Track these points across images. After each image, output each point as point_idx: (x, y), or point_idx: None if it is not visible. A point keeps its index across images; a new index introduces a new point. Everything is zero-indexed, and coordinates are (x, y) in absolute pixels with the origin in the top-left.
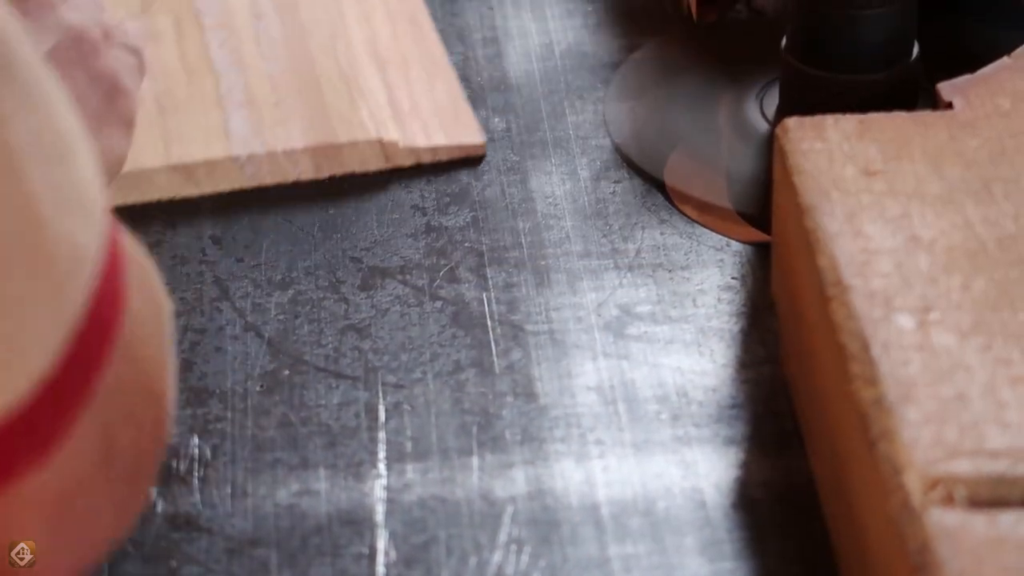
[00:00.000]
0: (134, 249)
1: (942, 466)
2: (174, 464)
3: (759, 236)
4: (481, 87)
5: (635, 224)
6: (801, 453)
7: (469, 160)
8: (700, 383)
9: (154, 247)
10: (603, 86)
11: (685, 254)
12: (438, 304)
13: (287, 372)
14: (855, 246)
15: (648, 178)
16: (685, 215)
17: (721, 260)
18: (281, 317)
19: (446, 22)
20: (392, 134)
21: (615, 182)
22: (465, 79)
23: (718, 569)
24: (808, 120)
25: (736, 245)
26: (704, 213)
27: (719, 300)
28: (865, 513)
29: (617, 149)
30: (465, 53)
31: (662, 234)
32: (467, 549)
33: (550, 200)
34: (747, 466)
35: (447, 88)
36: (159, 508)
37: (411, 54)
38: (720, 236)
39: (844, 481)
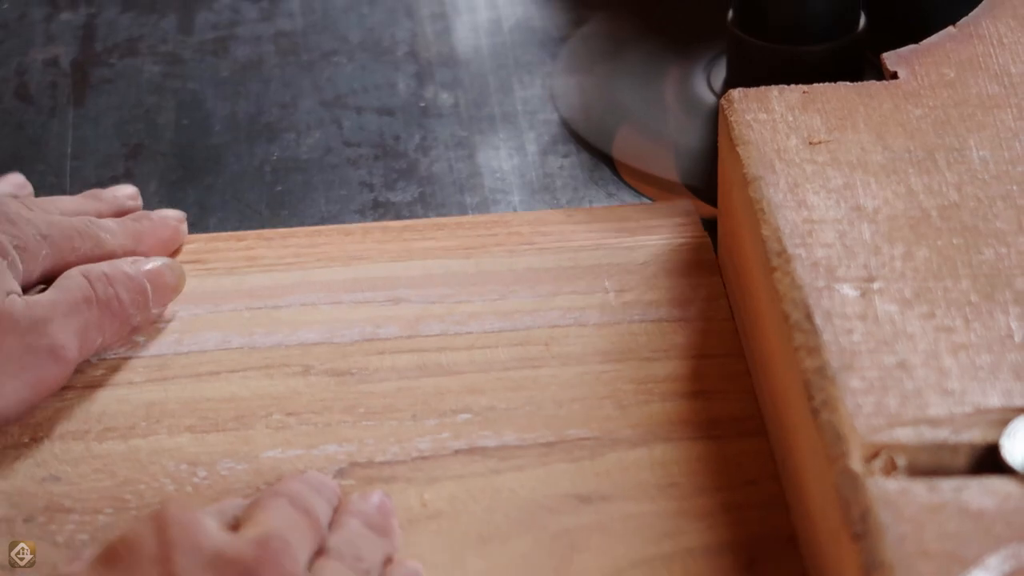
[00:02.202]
0: None
1: (884, 434)
2: None
3: (707, 210)
4: (429, 63)
5: (583, 198)
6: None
7: (418, 136)
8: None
9: None
10: (551, 60)
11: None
12: None
13: None
14: (798, 216)
15: (596, 152)
16: (633, 188)
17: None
18: None
19: (401, 12)
20: None
21: (563, 156)
22: (413, 55)
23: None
24: (752, 91)
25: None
26: (652, 186)
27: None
28: (809, 480)
29: (565, 123)
30: (413, 29)
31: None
32: None
33: (498, 175)
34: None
35: None
36: None
37: None
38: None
39: (790, 448)
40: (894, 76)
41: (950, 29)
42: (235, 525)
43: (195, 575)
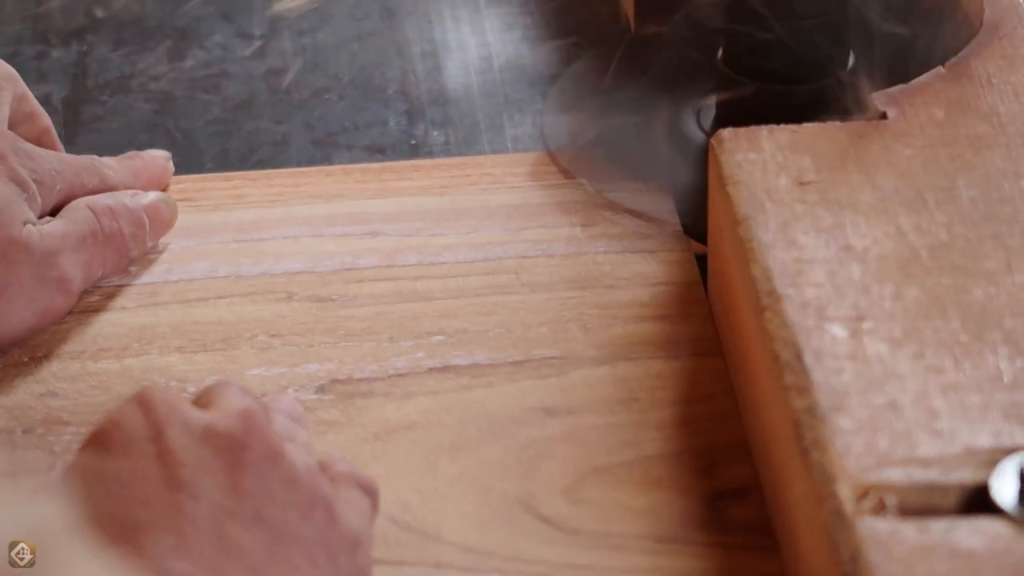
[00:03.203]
0: None
1: (874, 474)
2: None
3: (697, 247)
4: (420, 100)
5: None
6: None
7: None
8: None
9: None
10: (541, 99)
11: None
12: None
13: None
14: (788, 256)
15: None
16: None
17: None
18: None
19: (385, 36)
20: None
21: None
22: (404, 93)
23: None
24: (742, 131)
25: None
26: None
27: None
28: (799, 520)
29: (555, 161)
30: (404, 67)
31: None
32: None
33: None
34: None
35: None
36: None
37: None
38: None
39: (779, 488)
40: (883, 116)
41: (939, 69)
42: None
43: (190, 450)
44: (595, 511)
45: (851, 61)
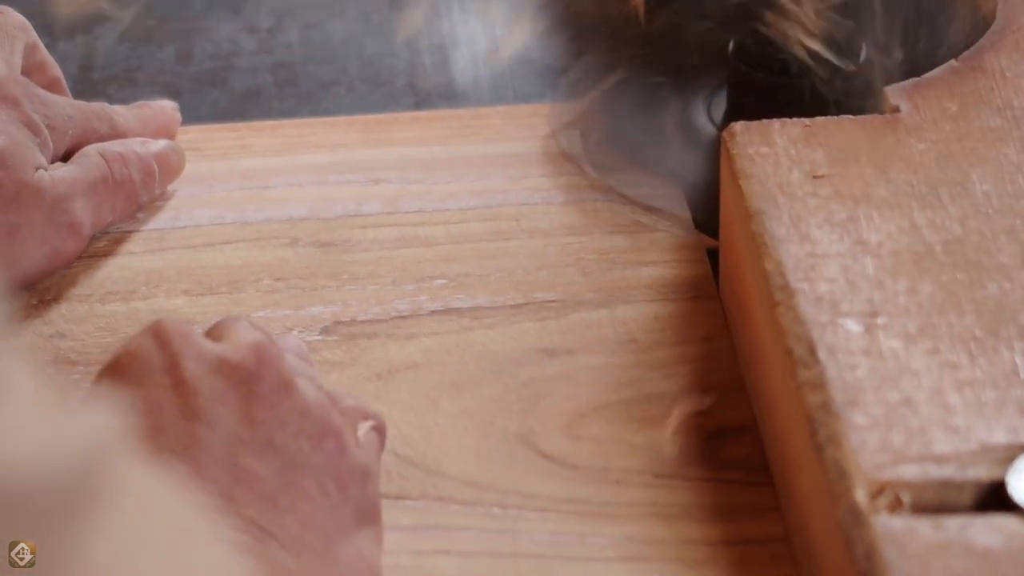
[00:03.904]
0: None
1: (889, 471)
2: None
3: (708, 241)
4: (428, 94)
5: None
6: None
7: None
8: None
9: None
10: (550, 92)
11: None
12: None
13: None
14: (801, 250)
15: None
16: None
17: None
18: None
19: (393, 28)
20: None
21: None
22: (412, 86)
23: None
24: (754, 125)
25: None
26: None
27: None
28: (813, 517)
29: (565, 155)
30: (412, 60)
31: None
32: None
33: None
34: None
35: None
36: None
37: None
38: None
39: (793, 485)
40: (896, 110)
41: (952, 62)
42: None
43: (205, 380)
44: (594, 447)
45: (863, 54)
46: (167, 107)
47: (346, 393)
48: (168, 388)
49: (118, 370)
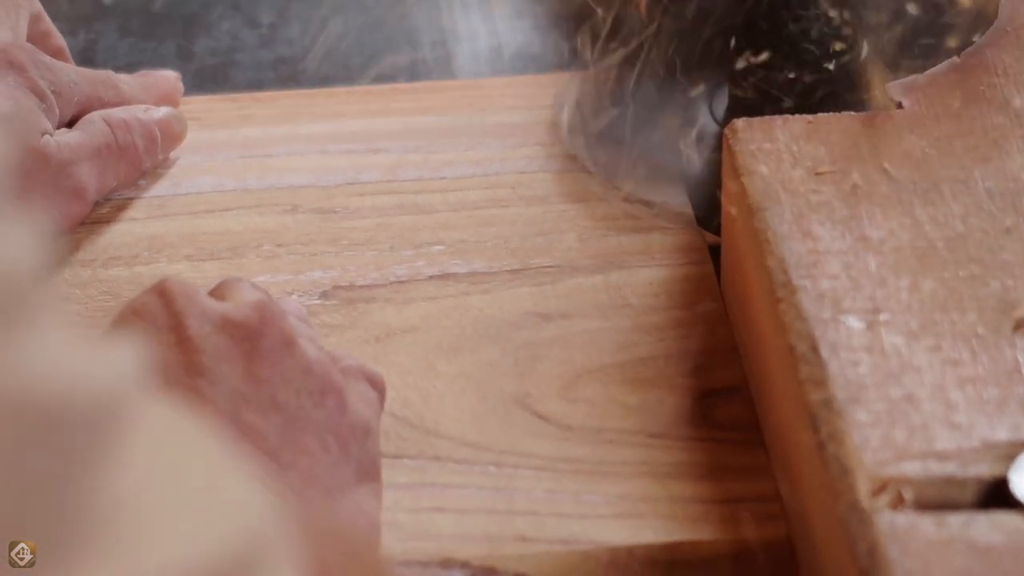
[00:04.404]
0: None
1: (891, 468)
2: None
3: (711, 238)
4: None
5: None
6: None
7: None
8: None
9: None
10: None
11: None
12: None
13: None
14: (804, 247)
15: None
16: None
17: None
18: None
19: (394, 24)
20: None
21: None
22: (413, 81)
23: None
24: (757, 121)
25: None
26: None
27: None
28: (815, 513)
29: (567, 151)
30: (413, 56)
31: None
32: None
33: None
34: None
35: None
36: None
37: None
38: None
39: (795, 481)
40: (899, 106)
41: (954, 59)
42: None
43: (208, 338)
44: (589, 408)
45: (865, 50)
46: (170, 76)
47: (346, 354)
48: (172, 345)
49: (123, 328)
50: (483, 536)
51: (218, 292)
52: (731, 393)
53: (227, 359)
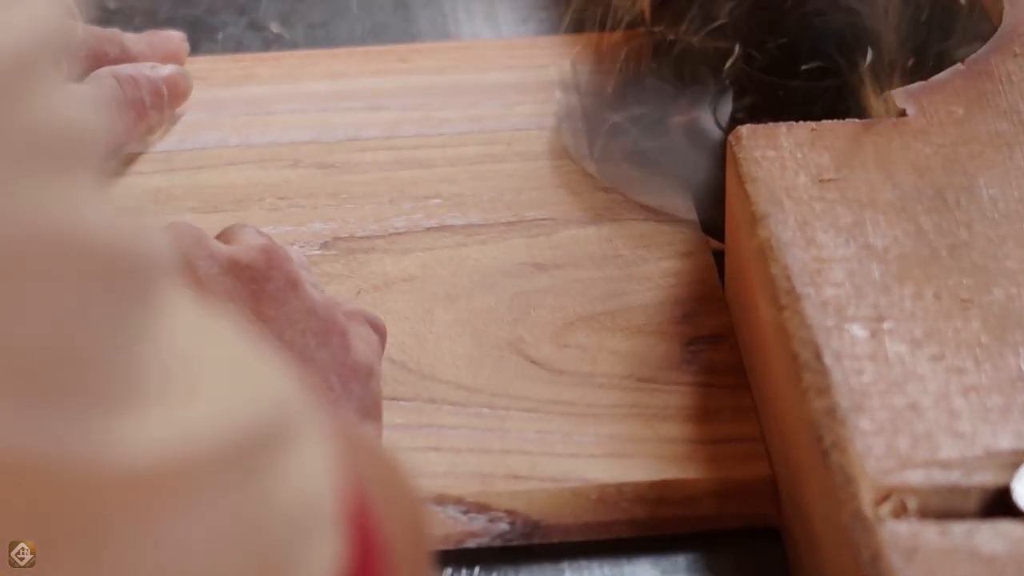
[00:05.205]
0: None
1: (895, 476)
2: None
3: (715, 244)
4: None
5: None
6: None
7: None
8: None
9: None
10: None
11: None
12: None
13: None
14: (808, 255)
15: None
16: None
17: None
18: None
19: (398, 29)
20: None
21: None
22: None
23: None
24: (761, 128)
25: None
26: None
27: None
28: (819, 522)
29: (570, 157)
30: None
31: None
32: None
33: None
34: None
35: None
36: None
37: None
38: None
39: (798, 489)
40: (903, 113)
41: (958, 66)
42: None
43: (217, 279)
44: (580, 353)
45: (869, 56)
46: (175, 36)
47: (346, 300)
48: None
49: None
50: (476, 474)
51: (224, 236)
52: (718, 340)
53: (234, 300)
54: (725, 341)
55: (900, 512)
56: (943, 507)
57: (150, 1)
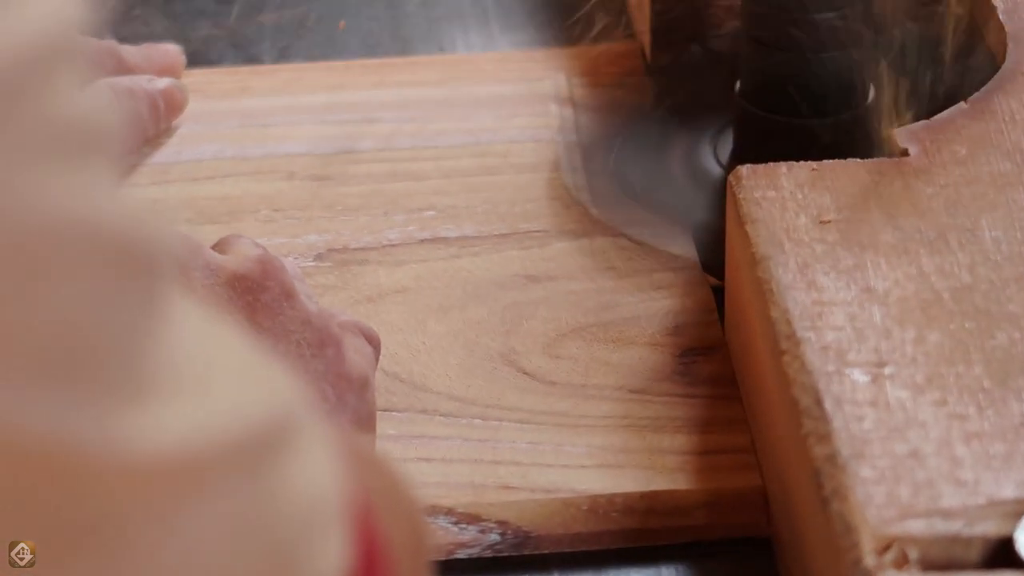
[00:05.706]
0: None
1: (896, 526)
2: None
3: (715, 282)
4: None
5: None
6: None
7: None
8: None
9: None
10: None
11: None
12: None
13: None
14: (808, 298)
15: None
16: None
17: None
18: None
19: (393, 43)
20: None
21: None
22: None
23: None
24: (761, 168)
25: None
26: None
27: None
28: (820, 571)
29: (568, 194)
30: None
31: None
32: None
33: None
34: None
35: None
36: None
37: None
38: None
39: (799, 537)
40: (905, 153)
41: (961, 105)
42: None
43: (213, 290)
44: (572, 365)
45: (871, 95)
46: (172, 49)
47: (341, 311)
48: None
49: None
50: (468, 485)
51: (220, 247)
52: (709, 351)
53: (230, 310)
54: (716, 353)
55: (901, 563)
56: (945, 557)
57: (147, 34)
